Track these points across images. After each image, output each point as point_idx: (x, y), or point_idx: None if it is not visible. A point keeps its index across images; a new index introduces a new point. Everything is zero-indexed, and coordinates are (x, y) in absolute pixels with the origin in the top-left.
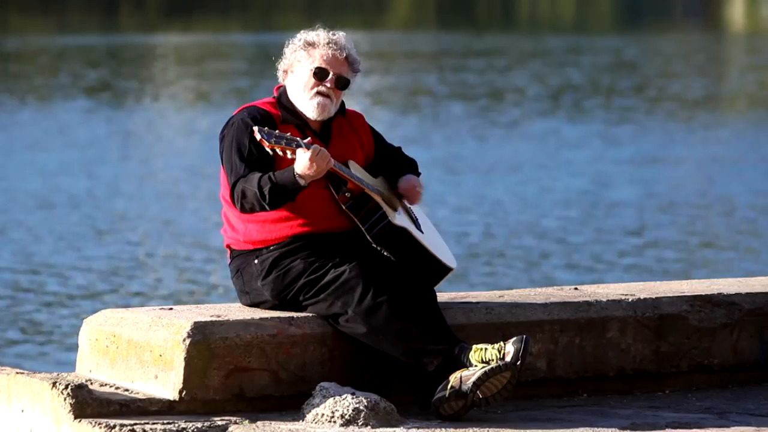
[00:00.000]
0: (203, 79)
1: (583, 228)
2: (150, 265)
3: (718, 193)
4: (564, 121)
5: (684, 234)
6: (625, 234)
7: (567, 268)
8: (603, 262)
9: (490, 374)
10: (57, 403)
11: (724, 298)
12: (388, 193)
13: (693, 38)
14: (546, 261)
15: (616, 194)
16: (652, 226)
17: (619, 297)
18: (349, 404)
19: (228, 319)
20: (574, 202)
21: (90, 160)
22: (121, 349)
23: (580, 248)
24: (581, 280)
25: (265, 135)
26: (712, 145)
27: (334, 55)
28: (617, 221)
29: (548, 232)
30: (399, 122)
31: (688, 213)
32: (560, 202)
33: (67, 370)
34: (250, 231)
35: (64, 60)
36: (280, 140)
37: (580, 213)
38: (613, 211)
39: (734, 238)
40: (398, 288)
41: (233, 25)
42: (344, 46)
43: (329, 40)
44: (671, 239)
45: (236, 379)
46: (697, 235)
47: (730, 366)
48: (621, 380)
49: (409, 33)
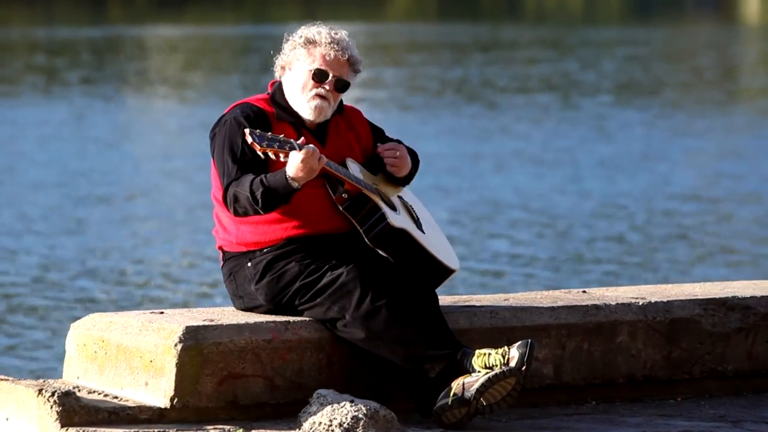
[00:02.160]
0: (195, 74)
1: (592, 228)
2: (140, 268)
3: (733, 190)
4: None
5: (696, 234)
6: (634, 234)
7: (575, 270)
8: (612, 263)
9: (494, 380)
10: (43, 411)
11: (738, 302)
12: (387, 193)
13: (709, 29)
14: (552, 262)
15: (625, 191)
16: (663, 225)
17: (629, 300)
18: (347, 412)
19: (221, 323)
20: (582, 201)
21: (76, 156)
22: (110, 354)
23: (589, 249)
24: (589, 282)
25: (257, 138)
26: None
27: (336, 56)
28: (627, 220)
29: (556, 232)
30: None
31: (698, 212)
32: (567, 200)
33: (53, 376)
34: (243, 233)
35: (49, 53)
36: (272, 143)
37: (589, 212)
38: (622, 210)
39: (750, 239)
40: (398, 291)
41: (227, 17)
42: (347, 46)
43: (331, 39)
44: (682, 239)
45: (230, 386)
46: (710, 236)
47: (745, 372)
48: (631, 387)
49: (410, 24)
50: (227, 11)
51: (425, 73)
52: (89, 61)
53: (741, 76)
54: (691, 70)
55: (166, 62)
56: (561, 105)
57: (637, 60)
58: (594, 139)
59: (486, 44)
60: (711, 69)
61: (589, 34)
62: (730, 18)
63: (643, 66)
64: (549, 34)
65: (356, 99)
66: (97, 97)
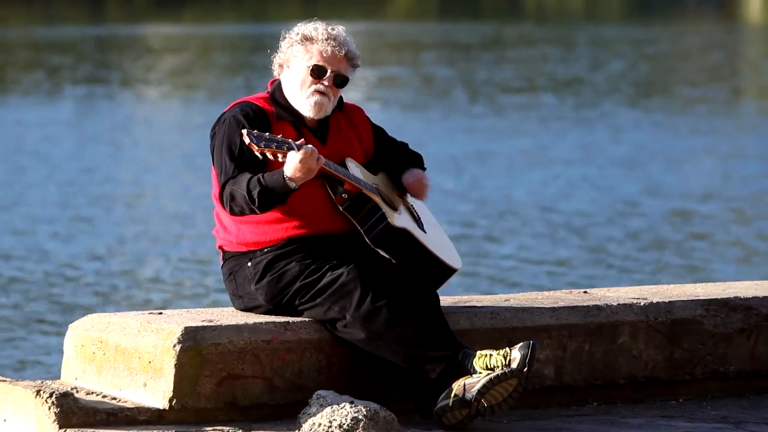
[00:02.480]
0: (194, 73)
1: (593, 227)
2: (139, 268)
3: (734, 190)
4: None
5: (698, 234)
6: (636, 234)
7: (576, 270)
8: (613, 263)
9: (495, 381)
10: (41, 412)
11: (740, 302)
12: (388, 192)
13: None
14: (554, 263)
15: (624, 193)
16: (664, 225)
17: (631, 301)
18: (347, 413)
19: (220, 324)
20: (585, 200)
21: (74, 156)
22: (109, 355)
23: (590, 249)
24: (590, 283)
25: (255, 138)
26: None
27: (333, 51)
28: (628, 220)
29: (558, 231)
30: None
31: (702, 212)
32: (569, 199)
33: (51, 377)
34: (243, 232)
35: (47, 52)
36: (270, 143)
37: (594, 211)
38: (625, 209)
39: (752, 238)
40: (398, 291)
41: (226, 15)
42: (344, 41)
43: (328, 35)
44: (684, 240)
45: (229, 387)
46: (712, 235)
47: (747, 373)
48: (632, 388)
49: (412, 24)
50: (226, 10)
51: (429, 73)
52: (88, 61)
53: (748, 75)
54: (698, 68)
55: (165, 61)
56: (564, 105)
57: (644, 59)
58: (603, 138)
59: (488, 42)
60: (718, 67)
61: (592, 33)
62: (732, 17)
63: (650, 64)
64: (551, 33)
65: (366, 98)
66: (94, 97)
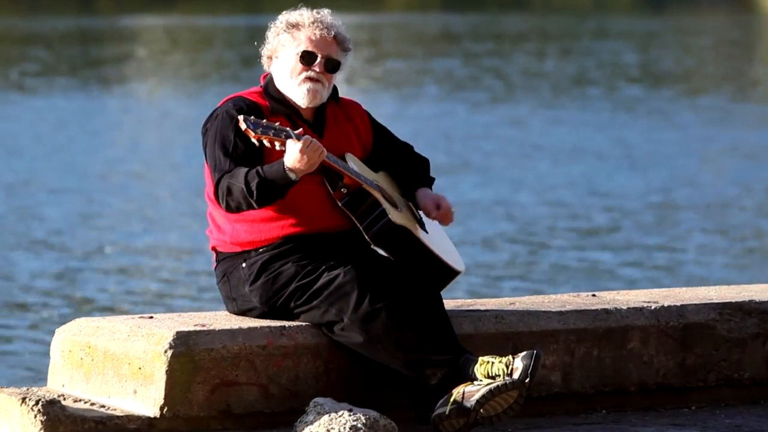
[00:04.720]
0: (186, 66)
1: (604, 229)
2: (129, 270)
3: (750, 188)
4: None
5: (712, 236)
6: (647, 235)
7: (584, 273)
8: (623, 266)
9: (495, 392)
10: (27, 421)
11: (755, 306)
12: (389, 189)
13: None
14: (561, 266)
15: (630, 191)
16: (677, 226)
17: (641, 304)
18: (345, 422)
19: (213, 329)
20: (587, 199)
21: (60, 152)
22: (97, 361)
23: (600, 252)
24: (599, 286)
25: (251, 125)
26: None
27: (322, 35)
28: (639, 221)
29: (565, 234)
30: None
31: (714, 213)
32: (571, 198)
33: (38, 384)
34: (237, 232)
35: (34, 44)
36: (267, 130)
37: (599, 212)
38: (633, 210)
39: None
40: (398, 293)
41: (220, 7)
42: (331, 24)
43: (314, 19)
44: (699, 241)
45: (222, 394)
46: (728, 238)
47: (762, 380)
48: (643, 395)
49: (412, 14)
50: (220, 2)
51: (433, 66)
52: (76, 53)
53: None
54: (716, 61)
55: (156, 54)
56: (575, 99)
57: (659, 50)
58: (616, 133)
59: (494, 35)
60: (735, 59)
61: (602, 25)
62: (746, 7)
63: (665, 56)
64: (560, 25)
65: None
66: (84, 90)
